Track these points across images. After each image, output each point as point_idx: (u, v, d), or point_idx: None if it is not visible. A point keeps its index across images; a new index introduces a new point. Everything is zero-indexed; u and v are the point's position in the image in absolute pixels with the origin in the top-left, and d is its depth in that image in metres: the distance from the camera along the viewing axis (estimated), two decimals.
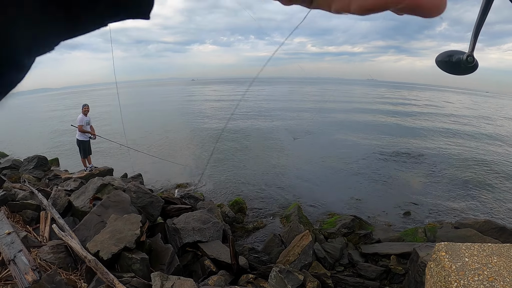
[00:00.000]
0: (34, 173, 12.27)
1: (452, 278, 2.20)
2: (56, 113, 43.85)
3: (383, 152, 16.37)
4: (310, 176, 13.09)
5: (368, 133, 21.06)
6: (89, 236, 6.11)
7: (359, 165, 14.48)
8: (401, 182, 12.30)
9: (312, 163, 14.56)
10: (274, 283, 4.89)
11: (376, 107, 40.84)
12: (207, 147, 18.01)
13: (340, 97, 57.33)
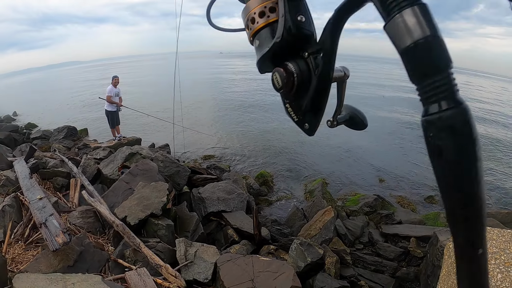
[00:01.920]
0: (64, 143, 12.61)
1: None
2: (85, 85, 44.46)
3: (411, 132, 16.06)
4: (334, 153, 13.03)
5: (396, 108, 20.63)
6: (117, 202, 6.31)
7: (385, 144, 14.29)
8: (427, 165, 12.08)
9: (337, 140, 14.43)
10: (295, 255, 4.97)
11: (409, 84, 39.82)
12: (233, 119, 18.02)
13: (370, 74, 55.79)
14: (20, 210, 5.86)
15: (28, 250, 4.98)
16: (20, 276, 3.62)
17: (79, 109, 23.73)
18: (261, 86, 30.18)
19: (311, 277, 4.85)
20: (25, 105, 27.88)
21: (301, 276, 4.46)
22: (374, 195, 8.49)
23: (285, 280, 4.05)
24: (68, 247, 4.54)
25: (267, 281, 4.03)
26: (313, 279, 4.79)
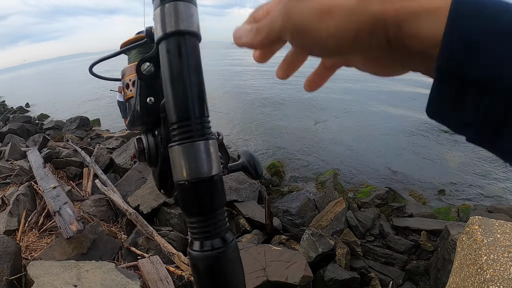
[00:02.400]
0: (76, 133, 12.72)
1: (483, 252, 2.20)
2: None
3: (424, 126, 15.88)
4: (347, 145, 12.94)
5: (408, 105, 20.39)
6: (130, 191, 6.37)
7: (398, 137, 14.15)
8: (439, 158, 11.90)
9: (350, 133, 14.36)
10: (306, 245, 4.98)
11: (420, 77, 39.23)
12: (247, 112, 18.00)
13: None
14: (34, 199, 5.95)
15: (42, 238, 5.05)
16: (34, 263, 3.67)
17: (91, 100, 23.88)
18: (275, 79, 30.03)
19: (322, 268, 4.85)
20: (38, 96, 28.21)
21: (312, 266, 4.47)
22: (385, 187, 8.44)
23: (297, 269, 4.06)
24: (82, 235, 4.60)
25: (279, 270, 4.05)
26: (324, 269, 4.79)
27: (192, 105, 0.47)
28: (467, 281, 2.24)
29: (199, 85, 0.48)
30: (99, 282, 3.47)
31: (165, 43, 0.48)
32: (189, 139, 0.46)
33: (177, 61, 0.47)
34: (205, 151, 0.47)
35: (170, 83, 0.47)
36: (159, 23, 0.48)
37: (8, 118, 17.07)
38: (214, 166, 0.47)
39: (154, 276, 3.94)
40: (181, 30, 0.47)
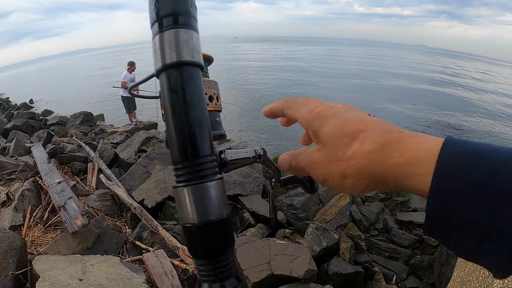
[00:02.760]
0: (80, 128, 12.75)
1: None
2: (101, 72, 44.64)
3: (428, 121, 15.82)
4: None
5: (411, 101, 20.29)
6: (134, 186, 6.39)
7: None
8: None
9: None
10: (310, 239, 4.98)
11: (425, 74, 38.69)
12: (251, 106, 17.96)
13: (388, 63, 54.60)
14: (39, 194, 5.97)
15: (47, 232, 5.07)
16: (39, 258, 3.69)
17: (95, 95, 23.90)
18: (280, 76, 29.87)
19: (326, 262, 4.85)
20: (41, 92, 28.24)
21: (316, 260, 4.46)
22: None
23: (301, 263, 4.06)
24: (87, 230, 4.62)
25: (283, 264, 4.05)
26: (328, 263, 4.79)
27: (189, 146, 0.46)
28: (471, 275, 2.24)
29: (200, 122, 0.47)
30: (104, 276, 3.48)
31: (164, 76, 0.47)
32: (184, 183, 0.46)
33: (175, 96, 0.46)
34: (195, 197, 0.46)
35: (169, 120, 0.47)
36: (158, 53, 0.47)
37: (12, 114, 17.11)
38: (211, 211, 0.46)
39: (159, 269, 3.96)
40: (182, 61, 0.46)
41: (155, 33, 0.47)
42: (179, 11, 0.47)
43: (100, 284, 3.35)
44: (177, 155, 0.46)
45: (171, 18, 0.46)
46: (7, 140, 11.31)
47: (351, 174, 0.45)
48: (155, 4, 0.47)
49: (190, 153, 0.45)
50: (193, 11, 0.49)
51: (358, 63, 47.89)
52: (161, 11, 0.47)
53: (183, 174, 0.46)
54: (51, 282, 3.18)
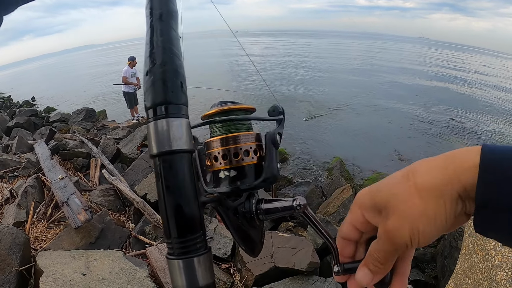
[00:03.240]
0: (82, 125, 12.77)
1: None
2: (102, 68, 44.59)
3: (431, 114, 15.74)
4: (353, 133, 12.89)
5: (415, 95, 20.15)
6: (137, 180, 6.41)
7: (405, 125, 14.03)
8: (447, 145, 11.83)
9: (356, 121, 14.29)
10: (313, 231, 4.98)
11: (429, 69, 38.29)
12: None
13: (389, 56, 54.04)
14: (42, 190, 5.99)
15: (51, 228, 5.10)
16: (43, 253, 3.71)
17: (96, 92, 23.91)
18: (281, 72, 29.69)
19: (328, 254, 4.85)
20: (43, 90, 28.28)
21: (319, 252, 4.46)
22: None
23: (304, 255, 4.07)
24: (90, 225, 4.63)
25: (286, 257, 4.06)
26: (331, 256, 4.80)
27: (167, 228, 0.50)
28: (475, 267, 2.23)
29: (179, 206, 0.50)
30: (107, 271, 3.50)
31: (156, 161, 0.51)
32: (172, 256, 0.51)
33: (158, 183, 0.51)
34: (183, 269, 0.50)
35: (159, 202, 0.51)
36: (152, 139, 0.51)
37: (14, 112, 17.12)
38: (197, 279, 0.50)
39: (162, 263, 3.97)
40: (161, 152, 0.50)
41: (150, 118, 0.52)
42: (158, 102, 0.51)
43: (103, 278, 3.36)
44: (165, 232, 0.51)
45: (151, 110, 0.52)
46: (10, 138, 11.35)
47: (423, 193, 0.45)
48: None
49: (167, 233, 0.51)
50: (175, 97, 0.52)
51: (359, 57, 47.64)
52: (145, 102, 0.52)
53: (170, 248, 0.51)
54: (55, 278, 3.20)
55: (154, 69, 0.52)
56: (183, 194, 0.50)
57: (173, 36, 0.55)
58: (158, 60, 0.52)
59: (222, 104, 0.62)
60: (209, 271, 0.52)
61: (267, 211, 0.58)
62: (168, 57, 0.53)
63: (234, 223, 0.59)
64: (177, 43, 0.55)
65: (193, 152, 0.53)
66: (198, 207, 0.52)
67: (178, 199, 0.50)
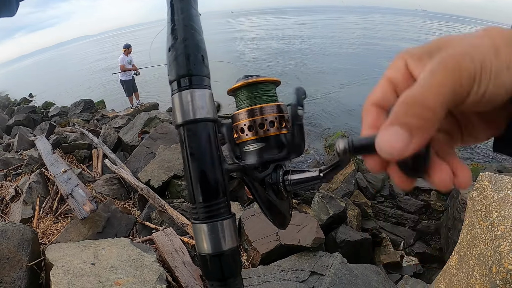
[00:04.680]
0: (82, 117, 12.74)
1: (493, 208, 2.17)
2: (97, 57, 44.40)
3: None
4: (354, 108, 12.86)
5: None
6: (139, 167, 6.44)
7: None
8: None
9: (357, 96, 14.27)
10: (317, 208, 5.02)
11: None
12: None
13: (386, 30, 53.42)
14: (46, 185, 6.02)
15: (58, 222, 5.13)
16: (52, 247, 3.74)
17: (93, 82, 23.86)
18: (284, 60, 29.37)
19: (333, 230, 4.90)
20: (40, 85, 28.19)
21: (323, 228, 4.50)
22: None
23: (308, 232, 4.10)
24: (96, 215, 4.67)
25: (291, 234, 4.09)
26: (336, 231, 4.83)
27: (195, 192, 0.53)
28: (478, 238, 2.24)
29: (202, 172, 0.53)
30: (116, 258, 3.53)
31: (180, 131, 0.54)
32: (197, 220, 0.53)
33: (182, 151, 0.54)
34: (208, 233, 0.52)
35: (184, 169, 0.54)
36: (177, 109, 0.53)
37: (13, 110, 17.02)
38: (221, 243, 0.52)
39: (169, 248, 4.01)
40: (197, 118, 0.53)
41: (174, 91, 0.55)
42: (181, 74, 0.54)
43: (112, 266, 3.40)
44: (190, 198, 0.54)
45: (175, 83, 0.54)
46: (11, 136, 11.34)
47: (498, 40, 0.34)
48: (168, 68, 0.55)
49: (192, 198, 0.53)
50: (197, 69, 0.54)
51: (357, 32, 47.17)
52: (169, 76, 0.55)
53: (194, 213, 0.54)
54: (65, 269, 3.24)
55: (176, 44, 0.54)
56: (207, 161, 0.53)
57: (193, 13, 0.57)
58: (180, 36, 0.55)
59: (247, 78, 0.63)
60: (233, 236, 0.54)
61: (295, 182, 0.59)
62: (189, 33, 0.55)
63: (261, 194, 0.60)
64: (197, 20, 0.57)
65: (216, 122, 0.56)
66: (222, 173, 0.54)
67: (202, 165, 0.52)
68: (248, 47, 32.81)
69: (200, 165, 0.52)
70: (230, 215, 0.54)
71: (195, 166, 0.52)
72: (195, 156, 0.52)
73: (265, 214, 0.63)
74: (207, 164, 0.53)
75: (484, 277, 2.02)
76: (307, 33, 45.18)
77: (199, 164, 0.52)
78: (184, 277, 3.58)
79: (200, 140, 0.53)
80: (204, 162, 0.53)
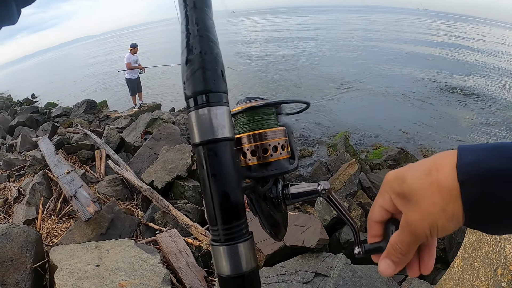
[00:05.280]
0: (84, 117, 12.77)
1: None
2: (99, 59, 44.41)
3: (435, 86, 15.63)
4: (357, 108, 12.84)
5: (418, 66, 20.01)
6: (143, 168, 6.45)
7: (408, 98, 13.96)
8: (450, 118, 11.73)
9: (359, 96, 14.24)
10: (320, 209, 5.01)
11: (427, 38, 38.03)
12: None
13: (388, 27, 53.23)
14: (50, 186, 6.02)
15: (61, 223, 5.14)
16: (56, 248, 3.74)
17: (96, 83, 23.90)
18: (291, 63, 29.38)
19: (337, 230, 4.89)
20: (42, 86, 28.24)
21: (327, 229, 4.49)
22: (397, 148, 8.40)
23: (312, 233, 4.09)
24: (100, 216, 4.68)
25: (295, 235, 4.08)
26: (340, 232, 4.82)
27: (213, 215, 0.52)
28: (482, 240, 2.22)
29: (223, 193, 0.52)
30: (120, 260, 3.54)
31: (199, 150, 0.52)
32: (217, 242, 0.53)
33: (202, 171, 0.52)
34: (228, 255, 0.52)
35: (204, 190, 0.53)
36: (195, 128, 0.52)
37: (15, 111, 17.04)
38: (241, 264, 0.53)
39: (173, 249, 4.01)
40: (203, 141, 0.52)
41: (190, 108, 0.53)
42: (199, 91, 0.52)
43: (116, 268, 3.40)
44: (209, 220, 0.54)
45: (192, 100, 0.53)
46: (14, 137, 11.37)
47: (445, 193, 0.47)
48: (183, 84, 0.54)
49: (213, 221, 0.52)
50: (217, 85, 0.53)
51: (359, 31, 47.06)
52: (186, 91, 0.53)
53: (215, 235, 0.53)
54: (69, 271, 3.24)
55: (194, 57, 0.52)
56: (228, 182, 0.52)
57: (209, 24, 0.55)
58: (197, 49, 0.52)
59: (248, 100, 0.64)
60: (252, 256, 0.54)
61: (294, 195, 0.60)
62: (207, 45, 0.53)
63: (264, 209, 0.61)
64: (213, 31, 0.55)
65: (234, 140, 0.55)
66: (242, 194, 0.54)
67: (224, 186, 0.51)
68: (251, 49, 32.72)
69: (221, 186, 0.51)
70: (249, 236, 0.54)
71: (217, 187, 0.51)
72: (217, 177, 0.51)
73: (263, 227, 0.64)
74: (229, 186, 0.52)
75: (489, 279, 2.01)
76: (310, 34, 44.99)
77: (221, 185, 0.51)
78: (189, 279, 3.58)
79: (221, 161, 0.52)
80: (226, 183, 0.52)
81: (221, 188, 0.51)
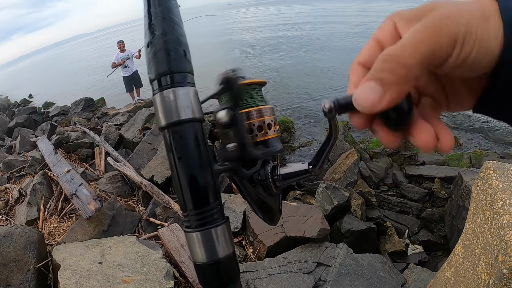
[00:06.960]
0: (83, 115, 12.78)
1: (498, 197, 2.14)
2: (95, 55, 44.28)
3: None
4: None
5: None
6: (142, 164, 6.46)
7: None
8: None
9: None
10: (321, 198, 5.02)
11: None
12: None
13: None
14: (50, 185, 6.01)
15: (63, 222, 5.14)
16: (58, 247, 3.75)
17: (93, 80, 23.86)
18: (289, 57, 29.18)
19: (338, 220, 4.91)
20: (39, 85, 28.16)
21: (328, 219, 4.51)
22: None
23: (314, 223, 4.11)
24: (101, 213, 4.68)
25: (296, 225, 4.10)
26: (340, 221, 4.84)
27: (186, 198, 0.50)
28: (483, 226, 2.22)
29: (191, 176, 0.50)
30: (122, 256, 3.55)
31: (165, 133, 0.51)
32: (189, 228, 0.51)
33: (169, 155, 0.51)
34: (202, 241, 0.50)
35: (172, 174, 0.51)
36: (160, 111, 0.50)
37: (13, 112, 17.02)
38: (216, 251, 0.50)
39: (175, 243, 4.02)
40: (182, 119, 0.49)
41: (155, 90, 0.51)
42: (162, 72, 0.50)
43: (119, 264, 3.42)
44: (180, 205, 0.51)
45: (155, 82, 0.51)
46: (12, 138, 11.37)
47: (489, 8, 0.35)
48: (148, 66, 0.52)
49: (183, 206, 0.50)
50: (179, 65, 0.51)
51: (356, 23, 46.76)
52: (149, 74, 0.51)
53: (187, 221, 0.51)
54: (72, 270, 3.25)
55: (155, 39, 0.51)
56: (196, 165, 0.50)
57: (172, 5, 0.53)
58: (158, 31, 0.51)
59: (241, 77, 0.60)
60: (228, 242, 0.52)
61: (284, 176, 0.57)
62: (169, 26, 0.51)
63: (250, 192, 0.58)
64: (176, 12, 0.54)
65: (203, 121, 0.53)
66: (213, 177, 0.51)
67: (191, 170, 0.49)
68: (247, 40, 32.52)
69: (189, 169, 0.50)
70: (223, 220, 0.52)
71: (184, 171, 0.49)
72: (183, 160, 0.49)
73: (255, 211, 0.61)
74: (197, 168, 0.50)
75: (491, 266, 2.01)
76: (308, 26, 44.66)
77: (188, 168, 0.49)
78: (191, 272, 3.59)
79: (187, 143, 0.50)
80: (193, 166, 0.50)
81: (188, 171, 0.49)
